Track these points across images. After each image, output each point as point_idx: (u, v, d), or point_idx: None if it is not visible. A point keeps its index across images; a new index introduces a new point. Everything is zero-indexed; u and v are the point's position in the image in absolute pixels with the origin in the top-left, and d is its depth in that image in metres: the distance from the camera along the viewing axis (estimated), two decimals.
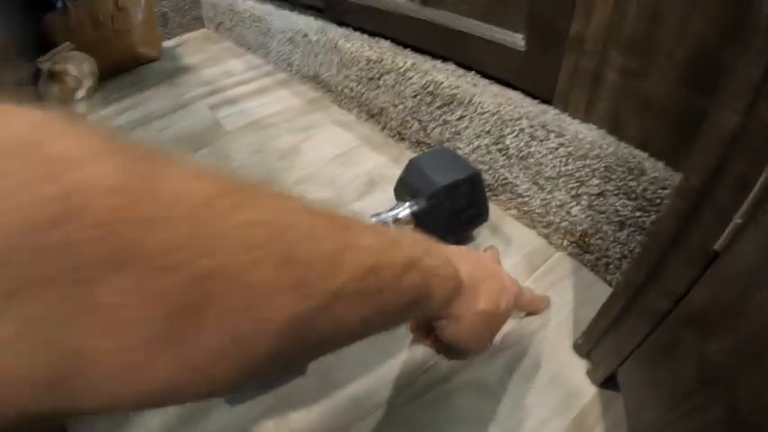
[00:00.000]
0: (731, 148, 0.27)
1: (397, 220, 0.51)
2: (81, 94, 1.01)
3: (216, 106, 0.93)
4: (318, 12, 0.90)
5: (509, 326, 0.47)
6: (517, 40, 0.57)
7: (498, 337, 0.44)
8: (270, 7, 1.04)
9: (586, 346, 0.44)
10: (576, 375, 0.44)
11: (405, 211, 0.52)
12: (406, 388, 0.44)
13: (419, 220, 0.52)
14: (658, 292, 0.35)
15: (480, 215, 0.53)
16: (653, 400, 0.35)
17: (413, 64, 0.66)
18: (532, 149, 0.55)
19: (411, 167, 0.53)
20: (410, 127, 0.70)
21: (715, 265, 0.30)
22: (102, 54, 1.10)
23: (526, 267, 0.54)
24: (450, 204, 0.49)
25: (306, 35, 0.87)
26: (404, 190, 0.54)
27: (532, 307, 0.49)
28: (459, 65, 0.65)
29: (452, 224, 0.51)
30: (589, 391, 0.43)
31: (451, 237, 0.54)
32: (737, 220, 0.27)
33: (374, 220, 0.50)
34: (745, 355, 0.25)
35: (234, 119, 0.88)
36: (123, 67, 1.19)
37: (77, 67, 1.02)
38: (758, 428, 0.22)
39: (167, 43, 1.31)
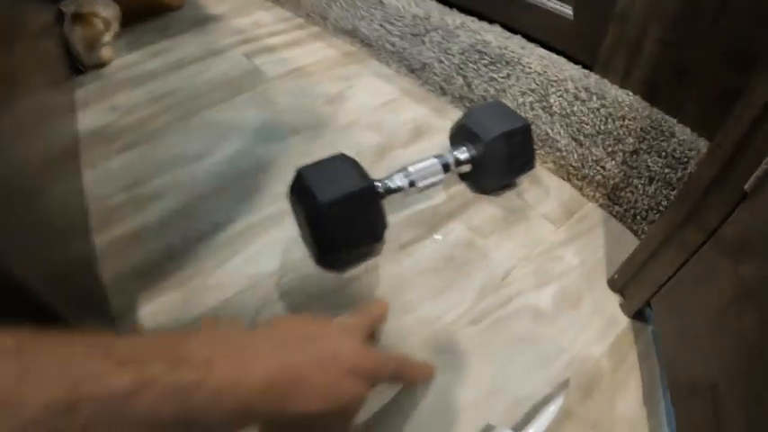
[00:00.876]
0: (764, 112, 0.33)
1: (458, 161, 0.56)
2: (108, 37, 1.00)
3: (252, 54, 0.95)
4: None
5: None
6: (566, 9, 0.62)
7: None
8: None
9: (621, 280, 0.51)
10: (611, 307, 0.51)
11: (464, 154, 0.57)
12: (467, 313, 0.50)
13: (476, 164, 0.58)
14: (696, 227, 0.41)
15: (529, 163, 0.59)
16: (689, 319, 0.42)
17: (462, 23, 0.71)
18: (575, 108, 0.60)
19: (470, 115, 0.58)
20: (454, 83, 0.75)
21: (746, 202, 0.36)
22: (124, 0, 1.09)
23: (563, 213, 0.61)
24: (507, 150, 0.55)
25: None
26: (462, 135, 0.59)
27: (405, 378, 0.40)
28: (506, 27, 0.70)
29: (506, 169, 0.57)
30: (623, 321, 0.50)
31: (505, 180, 0.60)
32: (765, 165, 0.34)
33: (436, 160, 0.55)
34: None
35: (272, 66, 0.90)
36: (145, 15, 1.18)
37: (105, 9, 1.01)
38: None
39: None
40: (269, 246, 0.56)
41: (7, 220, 0.33)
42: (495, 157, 0.56)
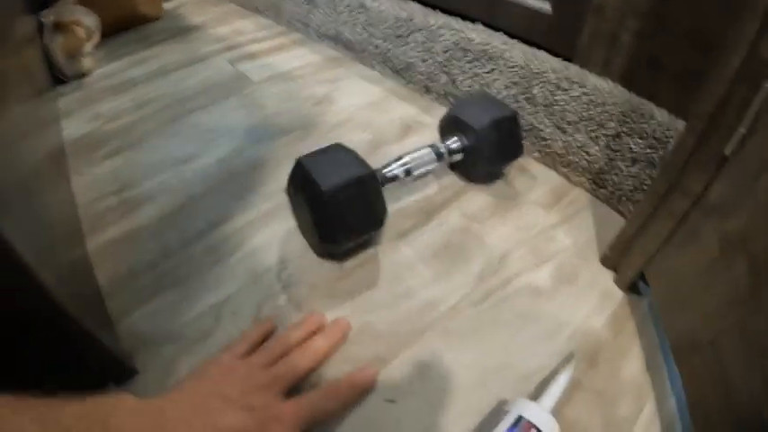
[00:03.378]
0: (736, 80, 0.36)
1: (450, 151, 0.58)
2: (90, 47, 1.00)
3: (235, 60, 0.96)
4: None
5: None
6: (545, 5, 0.65)
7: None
8: None
9: (613, 257, 0.53)
10: (606, 282, 0.53)
11: (456, 143, 0.59)
12: (469, 295, 0.51)
13: (467, 153, 0.59)
14: (681, 195, 0.44)
15: (518, 150, 0.61)
16: (682, 280, 0.44)
17: (445, 23, 0.73)
18: (557, 98, 0.63)
19: (459, 106, 0.60)
20: (438, 80, 0.77)
21: (727, 165, 0.39)
22: (103, 11, 1.08)
23: (552, 198, 0.63)
24: (497, 137, 0.57)
25: None
26: (452, 126, 0.61)
27: (337, 407, 0.40)
28: (487, 26, 0.73)
29: (497, 156, 0.59)
30: (618, 294, 0.52)
31: (495, 167, 0.62)
32: (741, 130, 0.36)
33: (430, 149, 0.57)
34: (758, 220, 0.34)
35: (257, 71, 0.91)
36: (123, 26, 1.17)
37: (86, 17, 1.01)
38: None
39: (166, 5, 1.30)
40: (267, 240, 0.57)
41: (17, 223, 0.33)
42: (486, 144, 0.58)
